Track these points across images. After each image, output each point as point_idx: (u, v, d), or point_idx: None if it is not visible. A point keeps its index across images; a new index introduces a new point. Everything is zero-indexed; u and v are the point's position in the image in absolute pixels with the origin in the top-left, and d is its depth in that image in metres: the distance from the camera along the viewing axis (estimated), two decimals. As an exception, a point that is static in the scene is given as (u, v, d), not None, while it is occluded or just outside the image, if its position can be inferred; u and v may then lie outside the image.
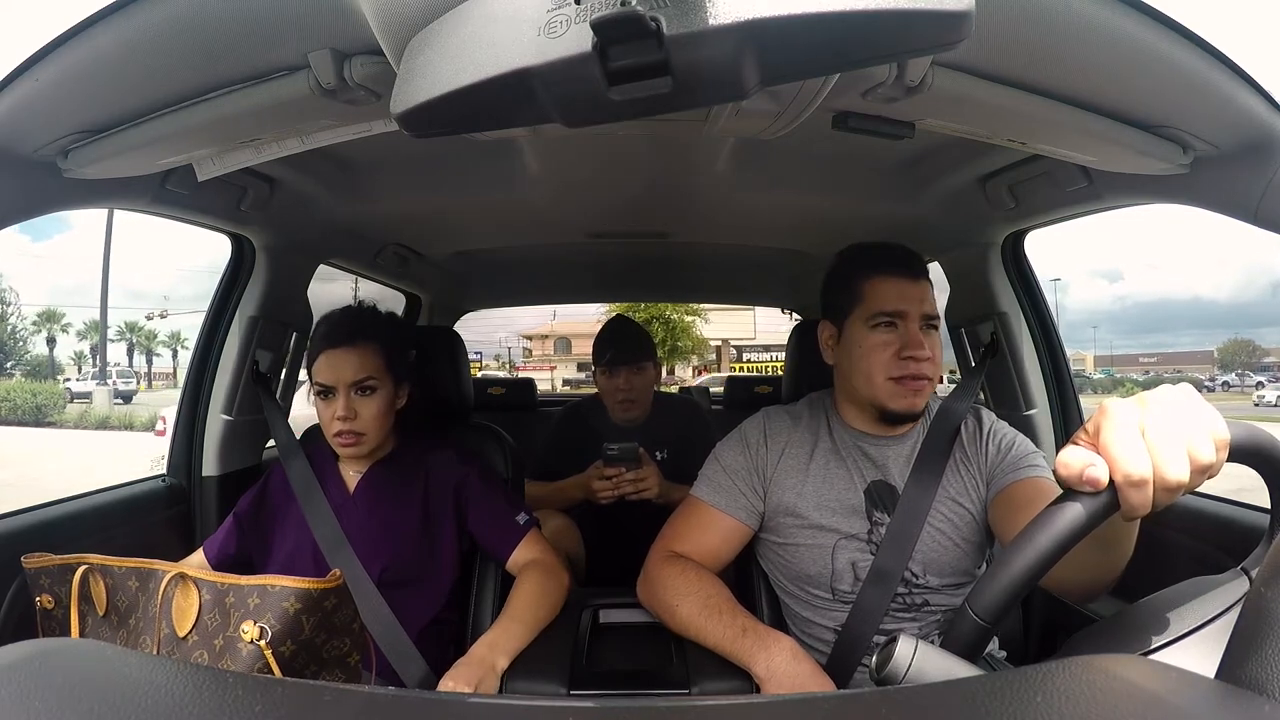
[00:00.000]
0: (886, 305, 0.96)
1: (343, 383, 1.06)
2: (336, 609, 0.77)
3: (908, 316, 0.95)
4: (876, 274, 0.98)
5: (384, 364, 1.08)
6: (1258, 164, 0.72)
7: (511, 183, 1.22)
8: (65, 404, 18.75)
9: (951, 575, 0.96)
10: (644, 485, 1.48)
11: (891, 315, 0.96)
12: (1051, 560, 0.44)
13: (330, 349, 1.07)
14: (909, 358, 0.94)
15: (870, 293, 0.97)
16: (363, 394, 1.07)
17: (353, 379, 1.06)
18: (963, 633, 0.48)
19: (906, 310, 0.95)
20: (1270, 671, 0.32)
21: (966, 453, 0.99)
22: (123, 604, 0.82)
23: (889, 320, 0.96)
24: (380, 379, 1.08)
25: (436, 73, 0.41)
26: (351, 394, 1.06)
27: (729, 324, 25.52)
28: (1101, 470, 0.42)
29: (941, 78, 0.64)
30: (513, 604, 1.00)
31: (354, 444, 1.07)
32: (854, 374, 0.99)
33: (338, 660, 0.79)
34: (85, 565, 0.83)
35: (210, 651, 0.77)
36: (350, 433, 1.06)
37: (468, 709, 0.43)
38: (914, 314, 0.95)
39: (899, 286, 0.96)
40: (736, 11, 0.33)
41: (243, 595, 0.77)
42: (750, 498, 1.01)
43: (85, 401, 20.63)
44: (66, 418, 16.57)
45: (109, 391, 15.54)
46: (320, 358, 1.07)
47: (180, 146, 0.77)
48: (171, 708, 0.31)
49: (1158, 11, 0.57)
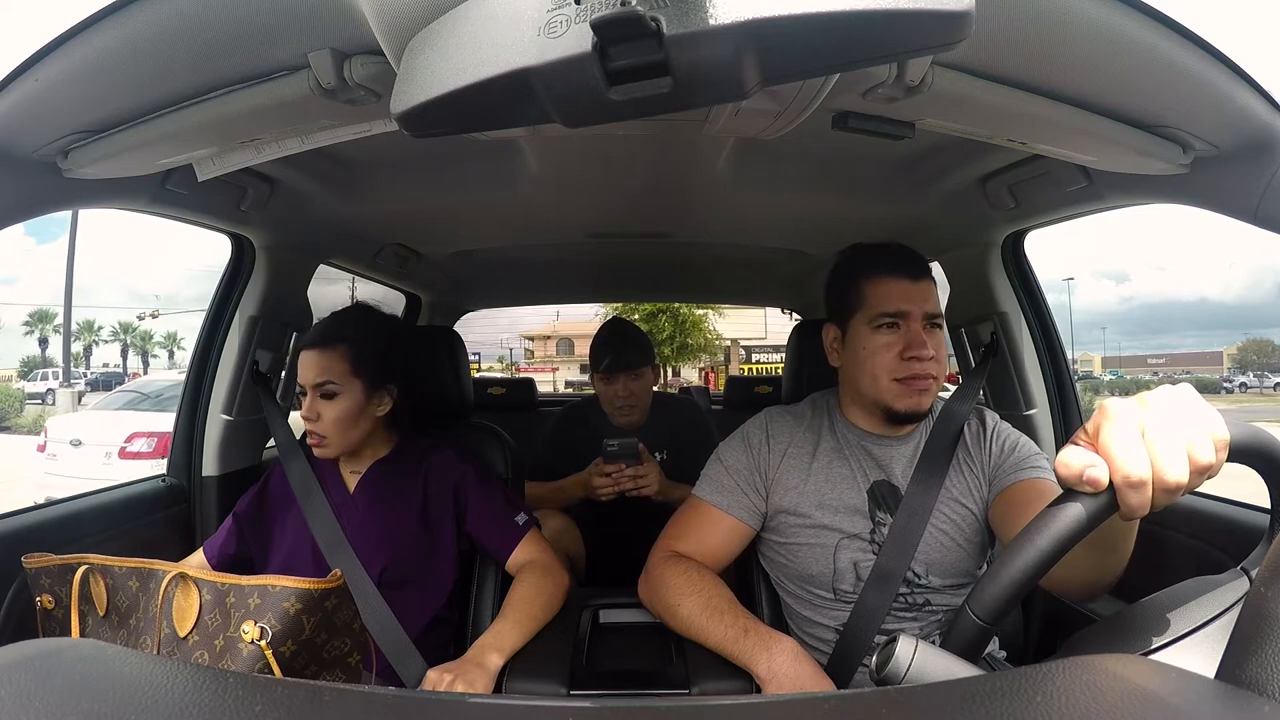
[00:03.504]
0: (889, 306, 0.96)
1: (308, 384, 1.08)
2: (337, 609, 0.77)
3: (910, 316, 0.95)
4: (878, 275, 0.98)
5: (348, 369, 1.08)
6: (1258, 164, 0.72)
7: (511, 183, 1.22)
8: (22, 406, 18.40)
9: (953, 576, 0.96)
10: (644, 482, 1.48)
11: (894, 316, 0.96)
12: (1051, 561, 0.44)
13: (304, 349, 1.10)
14: (913, 358, 0.94)
15: (872, 294, 0.97)
16: (325, 397, 1.07)
17: (313, 381, 1.07)
18: (962, 633, 0.47)
19: (909, 310, 0.95)
20: (1270, 671, 0.32)
21: (970, 453, 0.99)
22: (123, 604, 0.82)
23: (892, 321, 0.96)
24: (342, 383, 1.07)
25: (436, 73, 0.41)
26: (316, 396, 1.07)
27: (739, 323, 24.59)
28: (1101, 471, 0.42)
29: (941, 78, 0.64)
30: (508, 604, 1.00)
31: (318, 445, 1.08)
32: (859, 375, 0.99)
33: (338, 660, 0.79)
34: (86, 565, 0.82)
35: (211, 652, 0.77)
36: (315, 434, 1.08)
37: (468, 709, 0.43)
38: (916, 314, 0.95)
39: (901, 287, 0.96)
40: (736, 11, 0.33)
41: (243, 595, 0.77)
42: (752, 498, 1.01)
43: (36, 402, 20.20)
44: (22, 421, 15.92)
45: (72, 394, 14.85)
46: (300, 357, 1.10)
47: (180, 146, 0.77)
48: (172, 708, 0.31)
49: (1158, 11, 0.57)
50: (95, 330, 47.21)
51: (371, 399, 1.10)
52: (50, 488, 4.93)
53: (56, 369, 26.44)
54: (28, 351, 45.39)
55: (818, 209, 1.41)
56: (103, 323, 48.37)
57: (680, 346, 20.53)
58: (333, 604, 0.77)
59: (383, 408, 1.12)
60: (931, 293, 0.98)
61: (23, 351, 45.89)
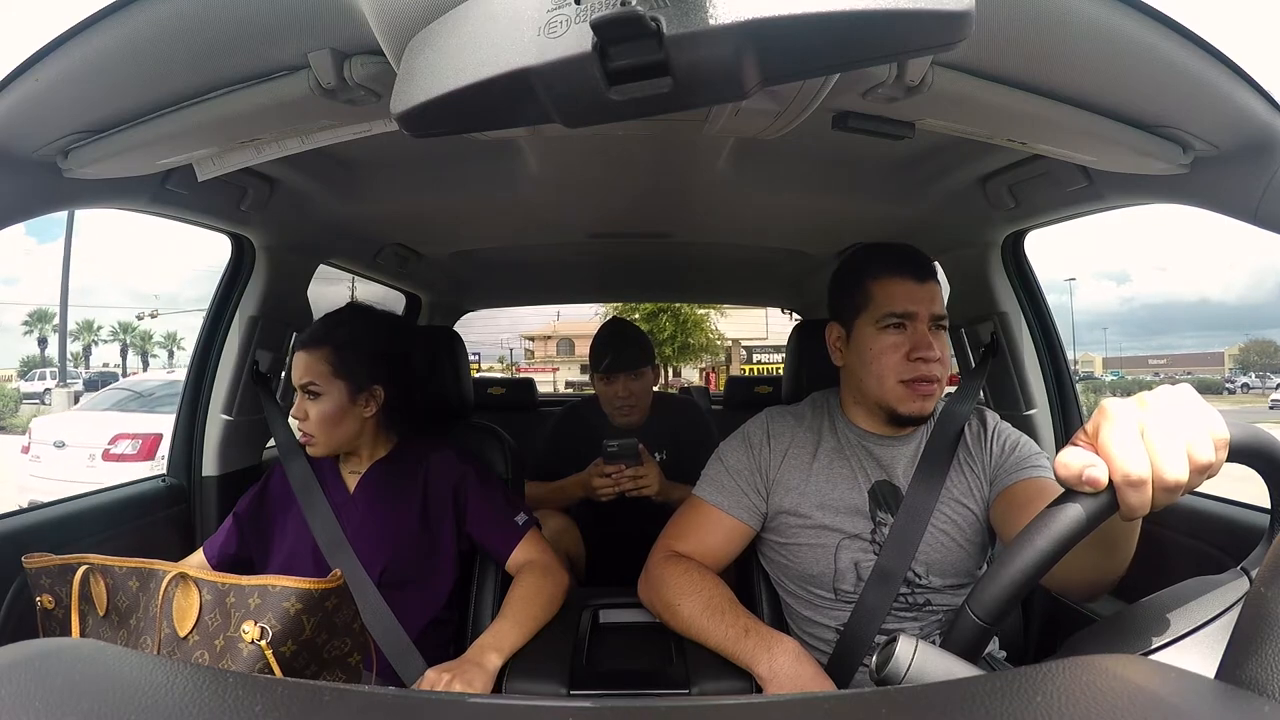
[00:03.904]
0: (895, 306, 0.96)
1: (295, 384, 1.10)
2: (338, 609, 0.77)
3: (917, 318, 0.95)
4: (885, 275, 0.98)
5: (331, 370, 1.08)
6: (1258, 164, 0.72)
7: (511, 183, 1.22)
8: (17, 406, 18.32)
9: (954, 576, 0.96)
10: (644, 482, 1.48)
11: (901, 316, 0.96)
12: (1051, 561, 0.44)
13: (297, 350, 1.12)
14: (919, 359, 0.94)
15: (879, 294, 0.97)
16: (311, 397, 1.09)
17: (298, 381, 1.09)
18: (963, 633, 0.47)
19: (916, 311, 0.95)
20: (1270, 671, 0.32)
21: (970, 453, 0.99)
22: (123, 604, 0.82)
23: (898, 322, 0.96)
24: (324, 384, 1.08)
25: (436, 73, 0.41)
26: (304, 396, 1.09)
27: (741, 323, 24.25)
28: (1101, 471, 0.42)
29: (941, 78, 0.64)
30: (508, 604, 1.00)
31: (307, 443, 1.10)
32: (864, 376, 0.99)
33: (338, 660, 0.79)
34: (86, 565, 0.82)
35: (211, 652, 0.77)
36: (303, 432, 1.10)
37: (468, 709, 0.43)
38: (924, 315, 0.95)
39: (908, 288, 0.96)
40: (736, 11, 0.33)
41: (243, 595, 0.77)
42: (753, 498, 1.01)
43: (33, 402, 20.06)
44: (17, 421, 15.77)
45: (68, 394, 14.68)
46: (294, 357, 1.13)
47: (180, 146, 0.77)
48: (172, 708, 0.31)
49: (1158, 11, 0.57)
50: (95, 330, 47.23)
51: (356, 400, 1.10)
52: (34, 491, 4.74)
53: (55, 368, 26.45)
54: (28, 351, 45.52)
55: (818, 209, 1.41)
56: (103, 322, 48.49)
57: (681, 346, 20.32)
58: (333, 604, 0.77)
59: (369, 409, 1.11)
60: (938, 294, 0.98)
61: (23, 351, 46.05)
